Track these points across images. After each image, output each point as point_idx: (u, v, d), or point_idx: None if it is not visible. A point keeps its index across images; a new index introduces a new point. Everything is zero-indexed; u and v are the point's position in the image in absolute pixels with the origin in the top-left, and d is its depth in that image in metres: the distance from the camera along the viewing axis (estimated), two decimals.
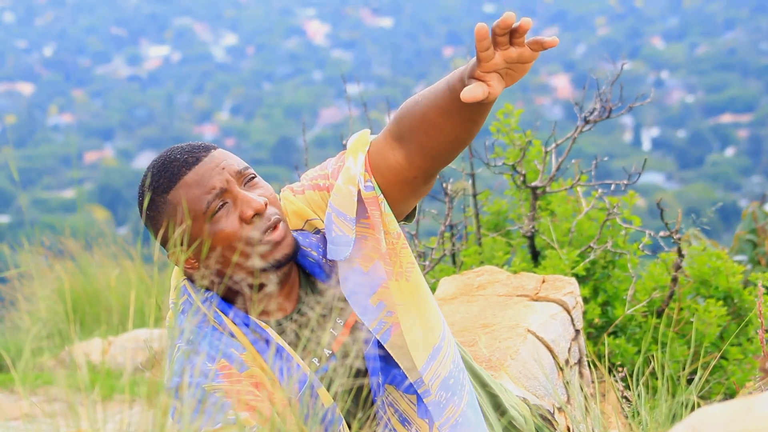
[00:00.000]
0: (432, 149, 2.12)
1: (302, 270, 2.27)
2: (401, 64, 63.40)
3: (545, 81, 57.98)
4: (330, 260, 2.23)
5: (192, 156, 2.18)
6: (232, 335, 2.18)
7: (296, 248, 2.19)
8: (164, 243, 2.21)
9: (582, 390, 3.03)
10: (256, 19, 73.46)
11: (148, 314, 5.75)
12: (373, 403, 2.21)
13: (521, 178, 3.78)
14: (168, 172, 2.17)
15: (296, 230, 2.28)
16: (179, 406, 2.04)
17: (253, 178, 2.20)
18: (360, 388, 2.20)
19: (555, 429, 2.42)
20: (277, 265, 2.16)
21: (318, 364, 2.20)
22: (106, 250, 6.31)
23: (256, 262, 2.14)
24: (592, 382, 3.23)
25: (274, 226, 2.16)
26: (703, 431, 1.45)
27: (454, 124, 2.08)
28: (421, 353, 2.18)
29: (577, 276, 3.62)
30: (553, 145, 3.80)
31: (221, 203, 2.15)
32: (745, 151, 47.01)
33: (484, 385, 2.37)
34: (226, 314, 2.19)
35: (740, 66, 55.28)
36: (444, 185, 4.00)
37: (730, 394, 3.47)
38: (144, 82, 64.40)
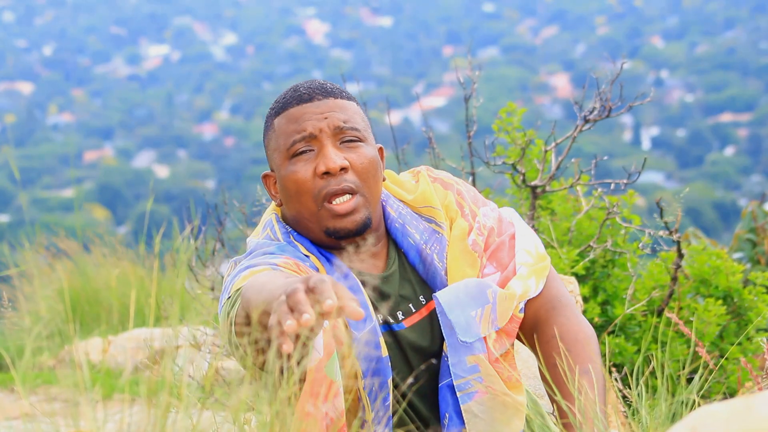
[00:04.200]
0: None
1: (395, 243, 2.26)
2: (401, 63, 63.38)
3: (545, 80, 57.97)
4: (429, 250, 2.22)
5: (309, 93, 2.18)
6: (307, 257, 2.16)
7: (364, 227, 2.16)
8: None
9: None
10: (256, 19, 73.44)
11: (148, 314, 5.75)
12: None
13: (521, 177, 3.78)
14: (285, 98, 2.20)
15: (413, 208, 2.27)
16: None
17: (354, 140, 2.17)
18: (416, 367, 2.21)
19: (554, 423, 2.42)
20: (338, 235, 2.15)
21: (381, 323, 2.18)
22: (105, 250, 6.31)
23: (317, 223, 2.14)
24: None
25: (342, 192, 2.13)
26: (702, 430, 1.45)
27: None
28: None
29: (576, 275, 3.62)
30: (553, 144, 3.80)
31: (306, 148, 2.15)
32: (744, 151, 47.01)
33: None
34: (303, 245, 2.18)
35: (740, 65, 55.27)
36: None
37: (730, 394, 3.47)
38: (144, 81, 64.38)
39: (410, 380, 2.18)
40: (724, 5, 64.93)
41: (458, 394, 2.15)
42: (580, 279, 3.65)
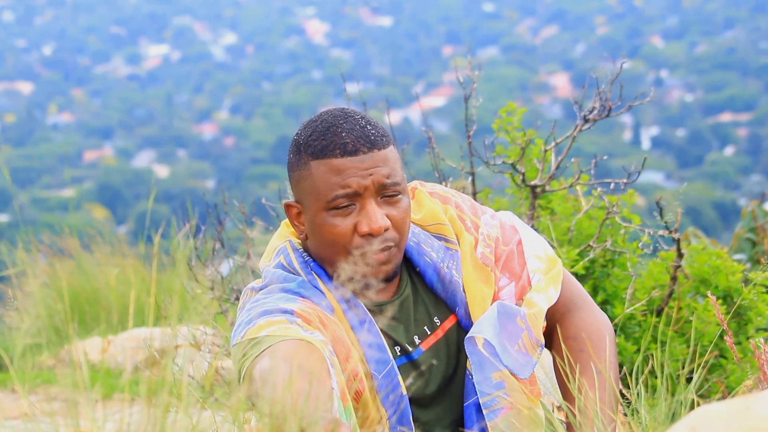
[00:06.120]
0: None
1: (410, 263, 2.24)
2: (401, 63, 63.42)
3: (545, 80, 58.00)
4: (447, 268, 2.21)
5: (354, 145, 2.11)
6: (323, 293, 2.14)
7: (393, 275, 2.15)
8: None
9: None
10: (256, 19, 73.47)
11: (148, 313, 5.75)
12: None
13: (521, 177, 3.78)
14: (325, 141, 2.12)
15: (423, 227, 2.26)
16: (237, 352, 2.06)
17: (395, 195, 2.13)
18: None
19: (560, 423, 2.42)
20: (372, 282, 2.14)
21: (399, 354, 2.17)
22: (104, 249, 6.31)
23: (352, 271, 2.12)
24: None
25: (382, 250, 2.11)
26: (702, 430, 1.45)
27: None
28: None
29: (576, 275, 3.62)
30: (553, 143, 3.80)
31: (348, 204, 2.11)
32: (744, 150, 47.08)
33: None
34: (320, 278, 2.16)
35: (739, 65, 55.33)
36: (443, 184, 4.00)
37: (729, 393, 3.47)
38: (143, 81, 64.43)
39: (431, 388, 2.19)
40: (723, 5, 64.97)
41: (484, 412, 2.13)
42: (580, 279, 3.65)
